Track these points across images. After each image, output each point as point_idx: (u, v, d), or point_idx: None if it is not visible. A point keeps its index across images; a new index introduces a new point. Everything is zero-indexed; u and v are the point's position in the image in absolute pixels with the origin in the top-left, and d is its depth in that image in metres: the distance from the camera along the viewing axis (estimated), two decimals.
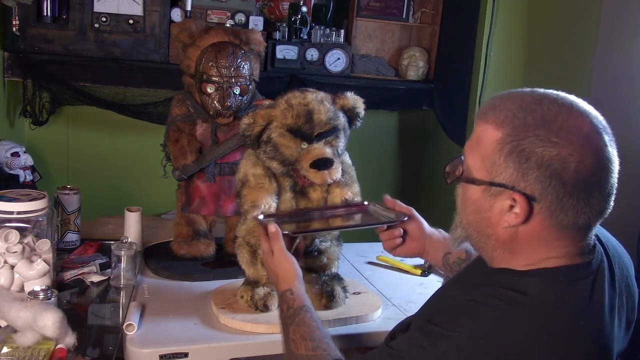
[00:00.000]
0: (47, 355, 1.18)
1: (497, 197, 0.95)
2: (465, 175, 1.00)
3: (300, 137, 1.35)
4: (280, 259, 1.25)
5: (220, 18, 2.70)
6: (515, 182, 0.92)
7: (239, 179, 1.44)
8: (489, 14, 2.78)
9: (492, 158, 0.94)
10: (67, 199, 1.80)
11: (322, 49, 2.83)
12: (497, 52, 2.82)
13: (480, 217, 0.99)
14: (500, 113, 0.94)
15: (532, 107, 0.92)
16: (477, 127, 0.99)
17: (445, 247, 1.37)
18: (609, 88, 2.23)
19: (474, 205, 0.99)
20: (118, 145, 3.00)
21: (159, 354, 1.30)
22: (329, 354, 1.08)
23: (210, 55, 1.65)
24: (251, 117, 1.37)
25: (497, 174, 0.93)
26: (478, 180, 0.97)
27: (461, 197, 1.03)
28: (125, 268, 1.57)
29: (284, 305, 1.19)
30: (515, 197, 0.92)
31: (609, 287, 0.98)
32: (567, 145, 0.89)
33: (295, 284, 1.22)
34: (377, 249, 1.98)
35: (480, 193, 0.97)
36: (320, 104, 1.36)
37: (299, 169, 1.36)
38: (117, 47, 2.57)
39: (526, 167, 0.90)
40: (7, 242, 1.35)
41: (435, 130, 3.19)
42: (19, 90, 2.57)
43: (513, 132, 0.92)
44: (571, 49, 2.50)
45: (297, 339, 1.11)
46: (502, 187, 0.93)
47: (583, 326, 0.91)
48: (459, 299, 0.99)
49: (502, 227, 0.96)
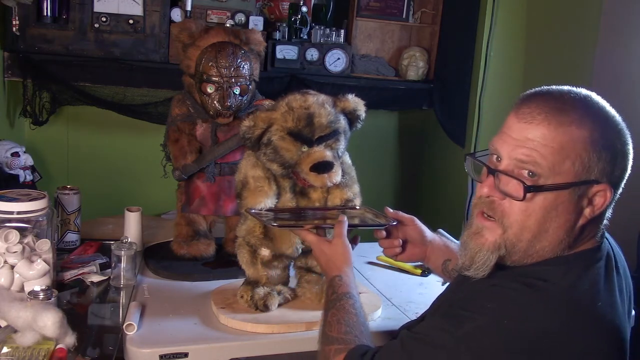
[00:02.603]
0: (47, 355, 1.18)
1: (582, 195, 0.96)
2: (549, 184, 0.95)
3: (300, 141, 1.35)
4: (338, 244, 1.28)
5: (220, 18, 2.70)
6: (607, 174, 0.96)
7: (239, 180, 1.44)
8: (489, 14, 2.78)
9: (582, 157, 0.94)
10: (67, 199, 1.80)
11: (322, 49, 2.83)
12: (497, 52, 2.82)
13: (548, 217, 0.97)
14: (568, 113, 0.95)
15: (589, 104, 0.98)
16: (546, 132, 0.95)
17: (445, 254, 1.39)
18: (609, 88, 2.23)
19: (545, 209, 0.96)
20: (118, 145, 3.00)
21: (159, 354, 1.30)
22: (358, 339, 1.09)
23: (210, 55, 1.65)
24: (252, 119, 1.36)
25: (590, 171, 0.95)
26: (567, 184, 0.95)
27: (519, 209, 0.97)
28: (125, 268, 1.57)
29: (330, 290, 1.23)
30: (600, 190, 0.96)
31: (615, 271, 1.01)
32: (620, 129, 0.98)
33: (346, 271, 1.25)
34: (377, 249, 1.97)
35: (565, 196, 0.96)
36: (321, 107, 1.36)
37: (299, 171, 1.36)
38: (117, 47, 2.57)
39: (612, 158, 0.95)
40: (7, 242, 1.34)
41: (435, 130, 3.19)
42: (19, 90, 2.57)
43: (594, 127, 0.95)
44: (571, 49, 2.50)
45: (333, 322, 1.14)
46: (594, 183, 0.96)
47: (600, 307, 0.94)
48: (480, 285, 1.01)
49: (572, 222, 0.97)
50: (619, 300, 0.98)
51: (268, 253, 1.46)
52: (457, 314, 0.95)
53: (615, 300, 0.97)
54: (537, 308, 0.92)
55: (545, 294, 0.93)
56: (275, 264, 1.48)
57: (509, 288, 0.95)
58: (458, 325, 0.93)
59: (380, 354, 1.01)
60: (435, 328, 0.98)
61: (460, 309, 0.96)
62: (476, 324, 0.91)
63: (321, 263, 1.32)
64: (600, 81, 2.29)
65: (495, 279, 1.00)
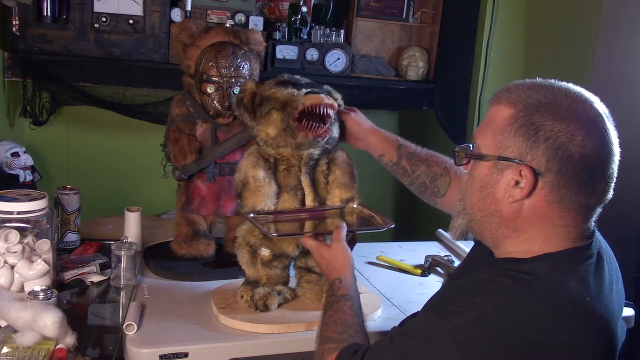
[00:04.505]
0: (47, 355, 1.18)
1: (503, 172, 0.99)
2: (473, 152, 1.04)
3: (290, 85, 1.39)
4: (337, 248, 1.30)
5: (220, 18, 2.70)
6: (523, 155, 0.96)
7: (239, 180, 1.44)
8: (489, 14, 2.78)
9: (503, 133, 0.98)
10: (67, 199, 1.80)
11: (322, 49, 2.83)
12: (497, 52, 2.82)
13: (485, 194, 1.02)
14: (512, 94, 1.00)
15: (544, 89, 0.99)
16: (490, 110, 1.03)
17: (379, 149, 1.49)
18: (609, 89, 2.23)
19: (481, 182, 1.03)
20: (118, 145, 2.99)
21: (159, 354, 1.30)
22: (352, 338, 1.11)
23: (210, 55, 1.65)
24: (241, 85, 1.49)
25: (506, 148, 0.98)
26: (487, 156, 1.01)
27: (468, 179, 1.07)
28: (125, 268, 1.57)
29: (330, 293, 1.25)
30: (522, 171, 0.96)
31: (607, 270, 1.02)
32: (575, 122, 0.94)
33: (346, 274, 1.27)
34: (377, 249, 1.98)
35: (488, 169, 1.01)
36: (302, 77, 1.47)
37: (295, 105, 1.36)
38: (117, 47, 2.57)
39: (534, 140, 0.95)
40: (7, 242, 1.34)
41: (435, 130, 3.19)
42: (19, 90, 2.57)
43: (525, 108, 0.97)
44: (571, 49, 2.50)
45: (330, 322, 1.16)
46: (510, 161, 0.98)
47: (590, 302, 0.94)
48: (468, 281, 1.03)
49: (507, 202, 0.99)
50: (608, 297, 0.98)
51: (268, 253, 1.46)
52: (445, 309, 0.96)
53: (605, 297, 0.97)
54: (525, 301, 0.93)
55: (532, 288, 0.94)
56: (275, 264, 1.48)
57: (496, 282, 0.96)
58: (446, 319, 0.93)
59: (371, 351, 1.02)
60: (424, 323, 0.99)
61: (448, 304, 0.97)
62: (464, 318, 0.92)
63: (322, 268, 1.33)
64: (600, 81, 2.29)
65: (483, 274, 1.02)
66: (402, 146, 1.48)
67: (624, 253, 1.11)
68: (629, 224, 1.92)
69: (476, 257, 1.16)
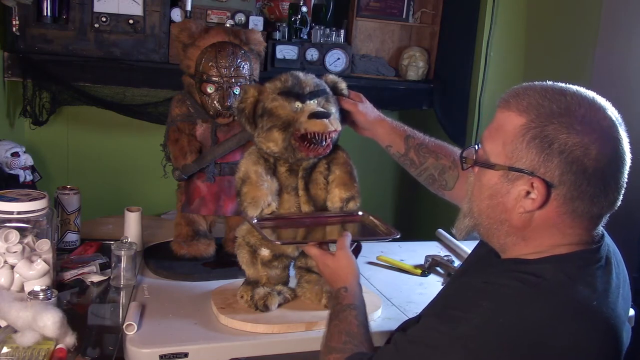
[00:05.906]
0: (47, 355, 1.18)
1: (514, 182, 0.97)
2: (483, 160, 1.02)
3: (292, 97, 1.37)
4: (341, 256, 1.28)
5: (220, 18, 2.70)
6: (536, 167, 0.94)
7: (240, 177, 1.44)
8: (489, 14, 2.78)
9: (514, 143, 0.96)
10: (67, 199, 1.80)
11: (322, 49, 2.83)
12: (497, 52, 2.81)
13: (495, 203, 1.00)
14: (523, 100, 0.97)
15: (557, 97, 0.95)
16: (498, 115, 1.00)
17: (386, 140, 1.47)
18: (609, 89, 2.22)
19: (490, 190, 1.00)
20: (118, 145, 2.99)
21: (159, 354, 1.30)
22: (357, 348, 1.10)
23: (210, 55, 1.65)
24: (242, 89, 1.42)
25: (518, 159, 0.96)
26: (497, 165, 0.98)
27: (475, 184, 1.05)
28: (125, 268, 1.57)
29: (335, 301, 1.23)
30: (533, 183, 0.95)
31: (615, 274, 1.01)
32: (590, 134, 0.92)
33: (351, 282, 1.25)
34: (377, 249, 1.98)
35: (498, 178, 0.99)
36: (306, 75, 1.43)
37: (298, 127, 1.35)
38: (117, 47, 2.57)
39: (548, 153, 0.93)
40: (7, 242, 1.34)
41: (435, 130, 3.17)
42: (19, 90, 2.56)
43: (537, 118, 0.94)
44: (571, 49, 2.50)
45: (335, 332, 1.15)
46: (521, 173, 0.95)
47: (596, 306, 0.94)
48: (474, 283, 1.01)
49: (517, 212, 0.98)
50: (615, 301, 0.97)
51: (268, 253, 1.46)
52: (452, 315, 0.95)
53: (611, 301, 0.96)
54: (532, 305, 0.92)
55: (539, 291, 0.93)
56: (275, 264, 1.48)
57: (502, 285, 0.95)
58: (454, 325, 0.92)
59: (376, 358, 1.01)
60: (430, 329, 0.97)
61: (454, 309, 0.96)
62: (472, 323, 0.91)
63: (326, 276, 1.32)
64: (600, 81, 2.29)
65: (489, 275, 1.01)
66: (410, 137, 1.46)
67: (625, 253, 1.11)
68: (630, 224, 1.92)
69: (482, 257, 1.15)
